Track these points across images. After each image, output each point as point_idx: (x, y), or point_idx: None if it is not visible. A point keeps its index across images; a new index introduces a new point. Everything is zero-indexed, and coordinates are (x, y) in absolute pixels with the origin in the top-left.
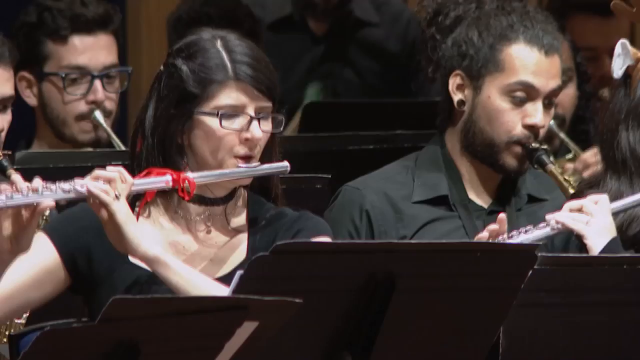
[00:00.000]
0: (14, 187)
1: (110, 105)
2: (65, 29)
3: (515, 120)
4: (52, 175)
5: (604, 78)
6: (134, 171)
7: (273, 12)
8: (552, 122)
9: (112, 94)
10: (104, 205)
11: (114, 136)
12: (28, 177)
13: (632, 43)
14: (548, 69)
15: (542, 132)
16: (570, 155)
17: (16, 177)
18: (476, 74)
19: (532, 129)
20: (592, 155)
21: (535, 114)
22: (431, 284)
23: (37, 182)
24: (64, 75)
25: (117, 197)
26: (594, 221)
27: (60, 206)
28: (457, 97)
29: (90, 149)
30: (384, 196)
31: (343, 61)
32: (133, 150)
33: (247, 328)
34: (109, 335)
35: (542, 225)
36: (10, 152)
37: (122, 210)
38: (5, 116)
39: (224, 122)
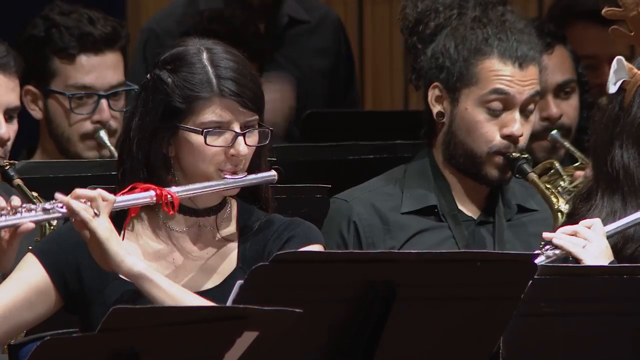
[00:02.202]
0: None
1: (115, 124)
2: (72, 48)
3: (493, 131)
4: (53, 185)
5: (604, 86)
6: (120, 181)
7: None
8: (556, 132)
9: (117, 113)
10: (84, 223)
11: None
12: (29, 187)
13: (632, 52)
14: (522, 80)
15: (521, 140)
16: (577, 164)
17: None
18: (452, 87)
19: (510, 138)
20: None
21: (513, 123)
22: (431, 294)
23: (16, 201)
24: (70, 96)
25: (96, 214)
26: (590, 246)
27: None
28: (435, 109)
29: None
30: (372, 208)
31: (285, 58)
32: (121, 159)
33: (247, 338)
34: (109, 345)
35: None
36: (15, 162)
37: (102, 227)
38: (12, 126)
39: (208, 139)
